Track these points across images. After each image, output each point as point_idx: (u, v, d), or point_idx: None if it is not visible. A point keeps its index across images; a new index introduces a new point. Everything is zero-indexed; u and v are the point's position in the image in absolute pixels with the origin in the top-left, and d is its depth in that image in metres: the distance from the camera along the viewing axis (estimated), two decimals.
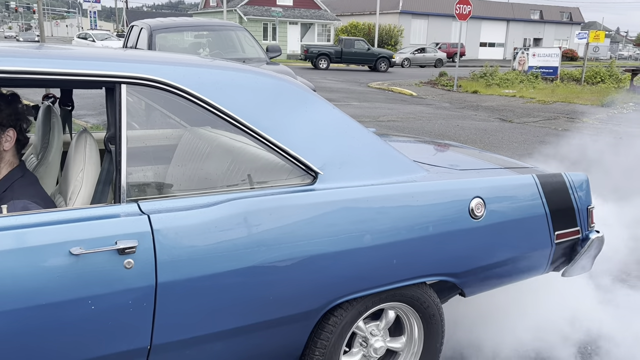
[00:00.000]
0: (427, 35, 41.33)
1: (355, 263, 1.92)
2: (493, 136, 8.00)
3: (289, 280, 1.82)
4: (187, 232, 1.64)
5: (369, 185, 1.97)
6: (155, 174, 2.27)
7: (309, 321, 1.92)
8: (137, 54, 1.94)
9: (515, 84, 17.31)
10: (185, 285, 1.64)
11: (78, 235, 1.50)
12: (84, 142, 1.82)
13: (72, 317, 1.50)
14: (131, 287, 1.55)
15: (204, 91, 1.77)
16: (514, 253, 2.32)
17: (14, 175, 1.77)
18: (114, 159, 1.65)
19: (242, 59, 6.63)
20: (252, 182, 2.03)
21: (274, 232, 1.77)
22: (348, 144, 2.01)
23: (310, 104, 1.99)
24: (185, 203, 1.70)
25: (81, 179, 1.75)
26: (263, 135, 1.85)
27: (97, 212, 1.58)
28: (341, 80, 19.91)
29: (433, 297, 2.18)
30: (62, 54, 1.72)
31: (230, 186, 2.08)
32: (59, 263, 1.46)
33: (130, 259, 1.54)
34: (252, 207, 1.76)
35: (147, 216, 1.60)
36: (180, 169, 2.43)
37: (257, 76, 1.94)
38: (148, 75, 1.68)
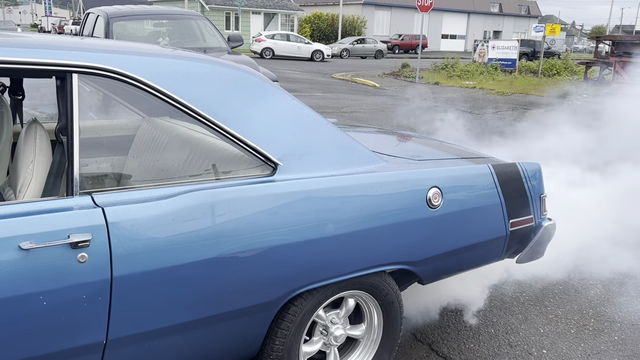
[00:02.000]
0: (390, 27, 41.61)
1: (315, 253, 1.93)
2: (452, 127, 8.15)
3: (249, 271, 1.82)
4: (144, 224, 1.61)
5: (329, 176, 1.98)
6: (110, 165, 2.22)
7: (269, 312, 1.93)
8: (90, 43, 1.89)
9: (475, 75, 17.64)
10: (142, 279, 1.61)
11: (28, 230, 1.46)
12: (34, 132, 1.77)
13: (23, 313, 1.45)
14: (85, 282, 1.52)
15: (160, 81, 1.74)
16: (471, 241, 2.38)
17: None
18: (66, 150, 1.60)
19: (203, 49, 6.53)
20: (211, 174, 2.01)
21: (232, 224, 1.76)
22: (308, 135, 2.01)
23: (269, 94, 1.98)
24: (141, 195, 1.67)
25: (31, 171, 1.70)
26: (221, 126, 1.83)
27: (48, 205, 1.53)
28: (305, 70, 19.86)
29: (392, 285, 2.22)
30: (10, 42, 1.65)
31: (189, 177, 2.05)
32: (8, 258, 1.41)
33: (84, 253, 1.51)
34: (211, 199, 1.74)
35: (101, 209, 1.57)
36: (137, 160, 2.39)
37: (215, 66, 1.92)
38: (100, 65, 1.63)
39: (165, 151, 2.42)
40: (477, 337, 2.76)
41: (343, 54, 30.83)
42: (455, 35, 46.87)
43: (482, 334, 2.79)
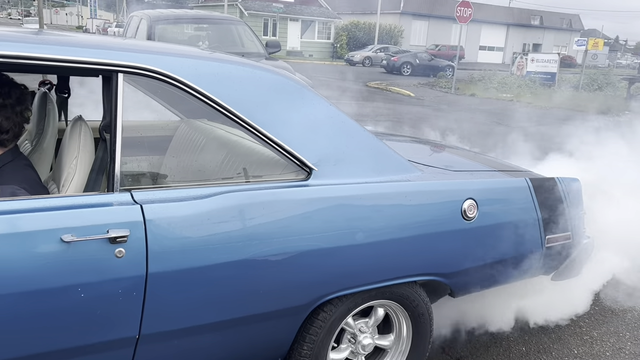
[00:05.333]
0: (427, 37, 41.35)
1: (346, 260, 1.93)
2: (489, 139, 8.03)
3: (280, 274, 1.82)
4: (180, 223, 1.64)
5: (363, 182, 1.98)
6: (149, 164, 2.26)
7: (298, 316, 1.93)
8: (135, 44, 1.94)
9: (513, 88, 17.35)
10: (176, 277, 1.64)
11: (70, 223, 1.50)
12: (79, 129, 1.82)
13: (61, 304, 1.49)
14: (121, 276, 1.55)
15: (201, 83, 1.77)
16: (505, 256, 2.33)
17: (4, 159, 1.76)
18: (109, 147, 1.65)
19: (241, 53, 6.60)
20: (246, 176, 2.03)
21: (266, 226, 1.77)
22: (344, 141, 2.01)
23: (307, 100, 1.99)
24: (178, 194, 1.70)
25: (75, 167, 1.75)
26: (259, 130, 1.85)
27: (89, 200, 1.58)
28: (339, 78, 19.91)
29: (422, 296, 2.19)
30: (61, 41, 1.71)
31: (225, 179, 2.08)
32: (50, 250, 1.46)
33: (122, 248, 1.54)
34: (246, 201, 1.76)
35: (139, 206, 1.60)
36: (175, 160, 2.43)
37: (256, 70, 1.94)
38: (145, 65, 1.68)
39: (202, 152, 2.46)
40: (507, 354, 2.70)
41: (365, 62, 30.67)
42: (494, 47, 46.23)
43: (513, 351, 2.73)
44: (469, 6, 15.99)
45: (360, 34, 36.68)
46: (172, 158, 2.44)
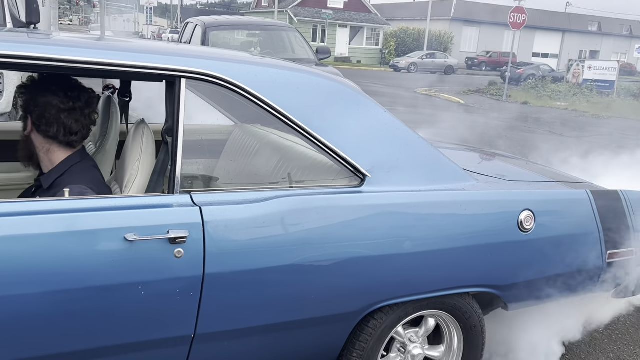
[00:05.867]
0: (478, 44, 40.60)
1: (399, 268, 1.91)
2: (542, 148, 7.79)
3: (332, 280, 1.83)
4: (236, 226, 1.67)
5: (417, 191, 1.96)
6: (206, 167, 2.32)
7: (349, 323, 1.93)
8: (198, 50, 1.99)
9: (568, 96, 16.79)
10: (231, 278, 1.67)
11: (133, 222, 1.55)
12: (142, 132, 1.88)
13: (123, 301, 1.55)
14: (180, 276, 1.59)
15: (260, 89, 1.80)
16: (562, 270, 2.26)
17: (72, 160, 1.84)
18: (170, 150, 1.70)
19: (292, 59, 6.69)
20: (300, 181, 2.05)
21: (320, 232, 1.78)
22: (398, 148, 2.00)
23: (362, 106, 1.99)
24: (235, 197, 1.74)
25: (137, 168, 1.81)
26: (314, 135, 1.87)
27: (151, 201, 1.63)
28: (388, 85, 19.82)
29: (475, 308, 2.15)
30: (127, 47, 1.78)
31: (279, 183, 2.11)
32: (114, 248, 1.51)
33: (181, 249, 1.58)
34: (300, 205, 1.77)
35: (199, 208, 1.64)
36: (230, 164, 2.48)
37: (312, 77, 1.96)
38: (207, 71, 1.72)
39: (256, 157, 2.50)
40: None
41: (411, 68, 30.33)
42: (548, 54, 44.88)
43: None
44: (523, 12, 15.60)
45: (410, 40, 36.42)
46: (227, 162, 2.50)
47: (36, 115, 1.77)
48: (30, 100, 1.79)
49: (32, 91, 1.80)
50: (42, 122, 1.77)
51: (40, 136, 1.80)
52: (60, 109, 1.77)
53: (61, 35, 1.95)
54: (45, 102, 1.76)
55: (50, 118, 1.76)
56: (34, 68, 1.60)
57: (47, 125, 1.76)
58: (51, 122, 1.76)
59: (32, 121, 1.79)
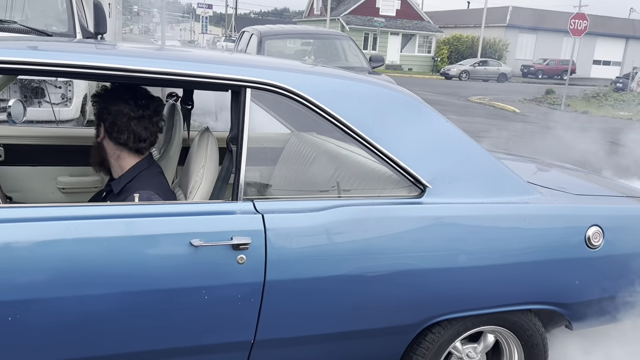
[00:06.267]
0: (535, 51, 39.44)
1: (459, 282, 1.87)
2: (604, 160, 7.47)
3: (390, 291, 1.81)
4: (297, 234, 1.68)
5: (479, 203, 1.92)
6: (266, 174, 2.36)
7: (406, 335, 1.90)
8: (261, 60, 2.03)
9: (632, 106, 16.04)
10: (291, 286, 1.68)
11: (198, 228, 1.59)
12: (206, 140, 1.94)
13: (186, 304, 1.59)
14: (242, 282, 1.62)
15: (322, 98, 1.81)
16: (631, 289, 2.15)
17: (141, 166, 1.92)
18: (235, 158, 1.73)
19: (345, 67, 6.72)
20: (359, 190, 2.05)
21: (379, 242, 1.77)
22: (459, 159, 1.96)
23: (423, 116, 1.97)
24: (295, 205, 1.75)
25: (202, 175, 1.86)
26: (374, 145, 1.86)
27: (216, 207, 1.67)
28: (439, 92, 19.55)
29: (538, 325, 2.08)
30: (195, 58, 1.84)
31: (337, 192, 2.11)
32: (180, 252, 1.56)
33: (243, 255, 1.61)
34: (360, 215, 1.77)
35: (261, 215, 1.67)
36: (288, 171, 2.51)
37: (373, 86, 1.96)
38: (271, 81, 1.75)
39: (313, 165, 2.52)
40: None
41: (462, 76, 29.73)
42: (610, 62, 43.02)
43: None
44: (584, 18, 15.06)
45: (463, 47, 35.82)
46: (285, 169, 2.53)
47: (108, 122, 1.86)
48: (103, 108, 1.88)
49: (105, 100, 1.89)
50: (114, 130, 1.85)
51: (111, 143, 1.89)
52: (131, 116, 1.85)
53: (131, 47, 2.03)
54: (117, 110, 1.85)
55: (121, 126, 1.84)
56: (107, 78, 1.67)
57: (119, 132, 1.85)
58: (122, 130, 1.84)
59: (104, 128, 1.88)
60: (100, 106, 1.90)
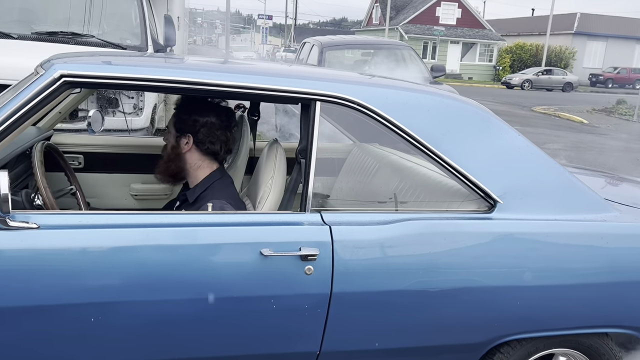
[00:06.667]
0: (604, 59, 37.70)
1: (530, 301, 1.81)
2: None
3: (457, 308, 1.78)
4: (364, 246, 1.68)
5: (553, 220, 1.85)
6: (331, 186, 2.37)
7: (473, 354, 1.86)
8: (330, 73, 2.06)
9: None
10: (357, 298, 1.68)
11: (268, 238, 1.62)
12: (275, 151, 1.97)
13: (256, 313, 1.62)
14: (309, 293, 1.64)
15: (390, 111, 1.81)
16: None
17: (214, 176, 1.98)
18: (303, 170, 1.76)
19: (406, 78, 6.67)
20: (425, 203, 2.02)
21: (447, 257, 1.74)
22: (532, 174, 1.90)
23: (494, 129, 1.93)
24: (362, 218, 1.75)
25: (270, 186, 1.89)
26: (442, 158, 1.83)
27: (285, 218, 1.70)
28: (501, 102, 19.03)
29: (615, 350, 1.97)
30: (267, 71, 1.88)
31: (403, 205, 2.10)
32: (250, 261, 1.59)
33: (311, 266, 1.63)
34: (428, 229, 1.75)
35: (328, 227, 1.68)
36: (353, 183, 2.52)
37: (443, 99, 1.94)
38: (341, 94, 1.77)
39: (376, 177, 2.51)
40: None
41: (524, 85, 28.70)
42: None
43: None
44: None
45: (526, 56, 34.77)
46: (350, 181, 2.53)
47: (201, 134, 1.94)
48: (191, 120, 1.95)
49: (191, 112, 1.96)
50: (206, 141, 1.94)
51: (197, 153, 1.97)
52: (220, 127, 1.94)
53: (208, 61, 2.10)
54: (207, 121, 1.94)
55: (213, 136, 1.93)
56: (186, 91, 1.74)
57: (211, 143, 1.94)
58: (214, 140, 1.94)
59: (194, 140, 1.95)
60: (185, 118, 1.96)
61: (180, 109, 1.99)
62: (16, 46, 4.33)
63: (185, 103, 2.00)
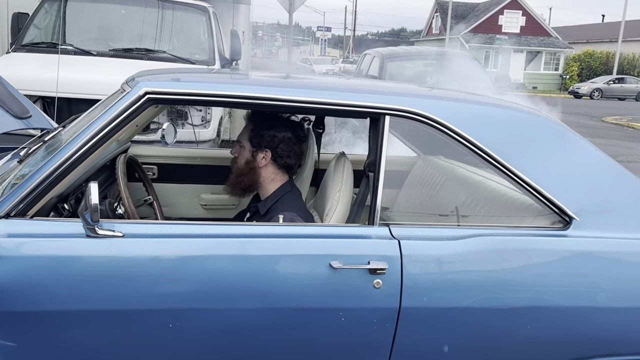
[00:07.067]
0: None
1: (606, 324, 1.73)
2: None
3: (529, 328, 1.72)
4: (434, 262, 1.67)
5: (634, 239, 1.76)
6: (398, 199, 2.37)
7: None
8: (397, 87, 2.06)
9: None
10: (426, 314, 1.67)
11: (337, 251, 1.64)
12: (343, 164, 2.00)
13: (324, 324, 1.64)
14: (377, 307, 1.64)
15: (461, 125, 1.79)
16: None
17: (285, 188, 2.02)
18: (372, 184, 1.77)
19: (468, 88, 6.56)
20: (495, 218, 1.98)
21: (519, 275, 1.70)
22: (611, 190, 1.82)
23: (570, 143, 1.87)
24: (431, 232, 1.74)
25: (338, 198, 1.92)
26: (515, 173, 1.79)
27: (353, 231, 1.71)
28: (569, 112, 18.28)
29: None
30: (337, 86, 1.92)
31: (473, 220, 2.06)
32: (320, 273, 1.61)
33: (379, 280, 1.63)
34: (499, 246, 1.71)
35: (397, 241, 1.68)
36: (420, 196, 2.50)
37: (516, 112, 1.90)
38: (410, 108, 1.77)
39: (442, 190, 2.48)
40: None
41: (594, 95, 27.28)
42: None
43: None
44: None
45: (596, 64, 33.29)
46: (416, 194, 2.52)
47: (280, 149, 2.00)
48: (267, 135, 2.01)
49: (269, 127, 2.02)
50: (284, 155, 2.01)
51: (272, 167, 2.02)
52: (295, 142, 2.02)
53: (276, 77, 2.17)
54: (284, 136, 2.00)
55: (289, 151, 2.00)
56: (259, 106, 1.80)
57: (288, 157, 2.00)
58: (290, 155, 2.01)
59: (272, 154, 2.01)
60: (263, 133, 2.01)
61: (256, 124, 2.04)
62: (96, 63, 4.61)
63: (260, 118, 2.05)
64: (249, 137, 2.04)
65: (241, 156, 2.05)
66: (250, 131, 2.04)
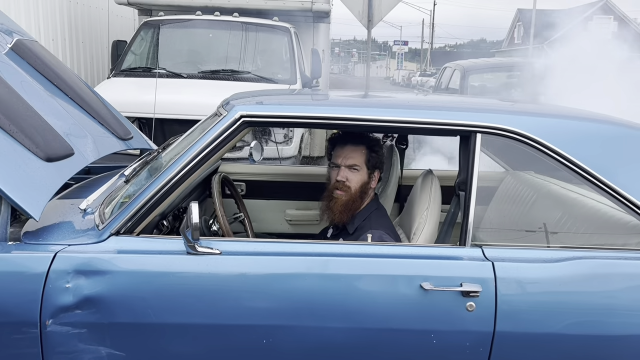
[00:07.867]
0: None
1: None
2: None
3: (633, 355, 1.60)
4: (530, 285, 1.60)
5: None
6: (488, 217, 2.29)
7: None
8: (488, 103, 2.02)
9: None
10: (522, 339, 1.60)
11: (427, 272, 1.62)
12: (430, 182, 1.97)
13: (414, 346, 1.61)
14: (470, 330, 1.59)
15: (558, 142, 1.71)
16: None
17: (372, 206, 2.03)
18: (463, 203, 1.73)
19: None
20: (595, 237, 1.87)
21: (626, 300, 1.59)
22: None
23: None
24: (526, 254, 1.67)
25: (425, 217, 1.89)
26: (619, 192, 1.69)
27: (444, 252, 1.68)
28: None
29: None
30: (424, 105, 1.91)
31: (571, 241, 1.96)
32: (411, 294, 1.59)
33: (472, 302, 1.58)
34: (604, 270, 1.62)
35: (491, 263, 1.62)
36: (511, 214, 2.41)
37: (618, 127, 1.80)
38: (503, 125, 1.72)
39: (534, 208, 2.37)
40: None
41: None
42: None
43: None
44: None
45: None
46: (506, 212, 2.43)
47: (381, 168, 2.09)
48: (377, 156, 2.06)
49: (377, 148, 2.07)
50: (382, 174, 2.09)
51: (372, 186, 2.07)
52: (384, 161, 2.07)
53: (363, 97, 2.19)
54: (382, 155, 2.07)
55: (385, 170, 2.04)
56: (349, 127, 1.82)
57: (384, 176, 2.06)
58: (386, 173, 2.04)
59: (379, 174, 2.09)
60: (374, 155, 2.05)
61: (369, 146, 2.04)
62: (187, 85, 4.88)
63: (368, 140, 2.05)
64: (366, 160, 2.02)
65: (356, 180, 2.00)
66: (365, 154, 2.02)
